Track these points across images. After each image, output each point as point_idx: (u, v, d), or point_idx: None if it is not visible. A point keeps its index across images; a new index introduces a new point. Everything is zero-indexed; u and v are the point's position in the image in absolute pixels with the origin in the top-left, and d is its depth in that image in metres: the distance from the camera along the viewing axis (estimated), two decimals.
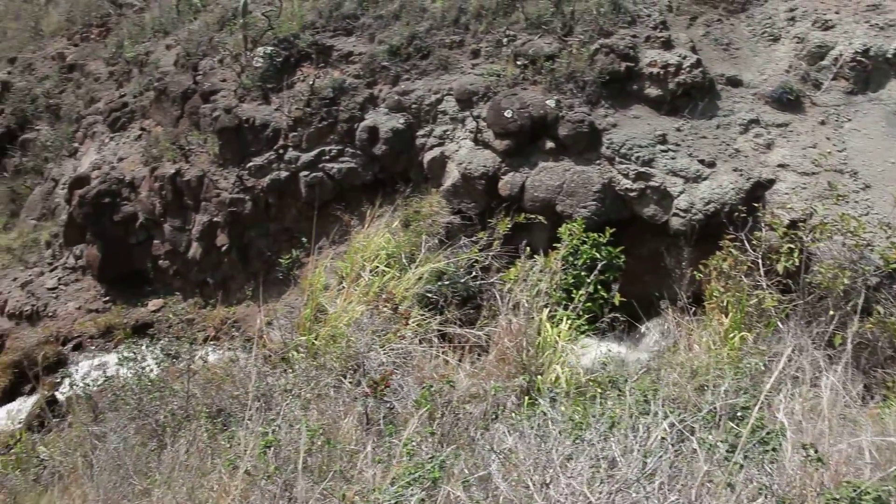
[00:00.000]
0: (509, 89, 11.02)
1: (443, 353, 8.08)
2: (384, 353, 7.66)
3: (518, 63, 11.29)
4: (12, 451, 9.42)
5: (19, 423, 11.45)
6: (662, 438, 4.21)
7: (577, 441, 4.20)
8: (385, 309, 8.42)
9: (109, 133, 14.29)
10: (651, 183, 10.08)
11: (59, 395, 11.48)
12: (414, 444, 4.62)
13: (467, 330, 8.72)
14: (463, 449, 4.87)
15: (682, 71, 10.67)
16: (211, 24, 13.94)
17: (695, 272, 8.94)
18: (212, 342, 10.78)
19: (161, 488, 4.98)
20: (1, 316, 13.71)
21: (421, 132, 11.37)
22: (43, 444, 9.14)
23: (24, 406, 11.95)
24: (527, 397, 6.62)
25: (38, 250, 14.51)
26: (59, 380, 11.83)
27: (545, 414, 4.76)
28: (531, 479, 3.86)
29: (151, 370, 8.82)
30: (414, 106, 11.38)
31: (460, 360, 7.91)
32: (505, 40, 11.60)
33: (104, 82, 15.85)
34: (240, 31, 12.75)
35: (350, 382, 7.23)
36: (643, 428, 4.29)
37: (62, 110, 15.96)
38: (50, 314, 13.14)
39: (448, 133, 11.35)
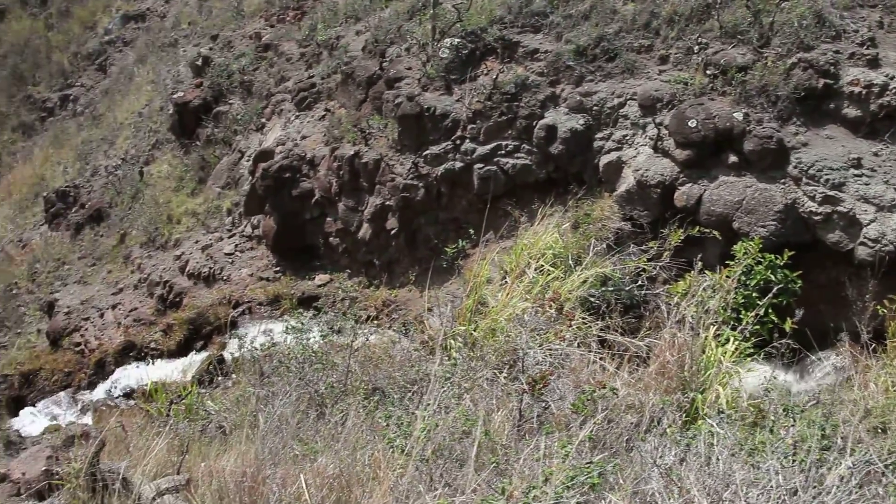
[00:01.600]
0: (695, 98, 11.02)
1: (601, 359, 8.23)
2: (542, 352, 7.88)
3: (708, 72, 11.26)
4: (183, 401, 10.36)
5: (189, 376, 12.60)
6: (842, 477, 4.14)
7: (753, 467, 4.22)
8: (550, 308, 8.67)
9: (296, 111, 15.35)
10: (839, 208, 9.83)
11: (226, 355, 12.52)
12: (572, 446, 4.67)
13: (628, 339, 8.83)
14: (619, 458, 4.98)
15: (888, 92, 10.30)
16: (401, 13, 14.66)
17: (878, 306, 8.66)
18: (372, 322, 11.46)
19: (320, 456, 5.23)
20: (181, 275, 15.07)
21: (599, 135, 11.57)
22: (211, 399, 9.97)
23: (194, 361, 13.12)
24: (685, 414, 6.67)
25: (220, 217, 15.82)
26: (228, 340, 12.91)
27: (712, 433, 4.80)
28: (703, 501, 3.89)
29: (315, 342, 9.50)
30: (595, 108, 11.59)
31: (618, 368, 8.04)
32: (696, 48, 11.59)
33: (295, 63, 16.99)
34: (429, 22, 13.36)
35: (505, 377, 7.48)
36: (824, 462, 4.24)
37: (254, 87, 17.25)
38: (224, 278, 14.32)
39: (627, 138, 11.49)
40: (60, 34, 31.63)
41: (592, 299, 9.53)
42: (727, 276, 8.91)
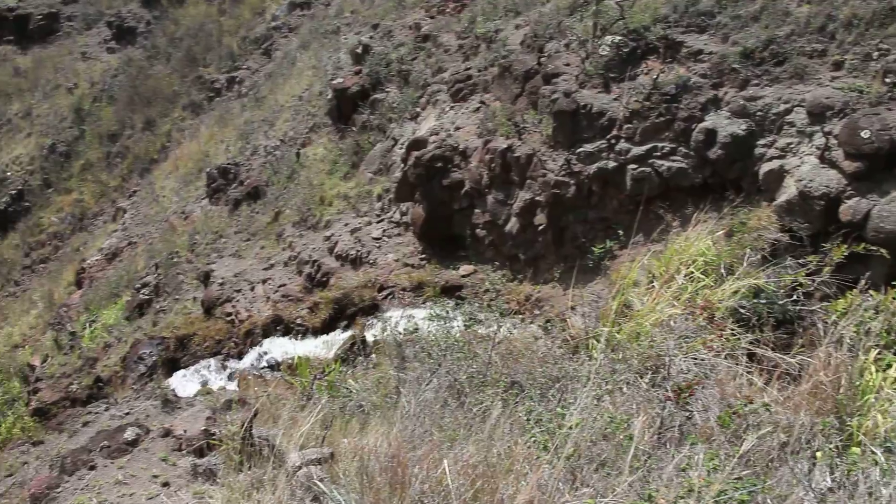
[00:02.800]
0: (871, 108, 10.48)
1: (748, 373, 8.01)
2: (687, 361, 7.75)
3: (887, 80, 10.69)
4: (326, 378, 10.78)
5: (332, 354, 13.08)
6: None
7: None
8: (699, 317, 8.51)
9: (451, 102, 15.63)
10: None
11: (369, 336, 12.91)
12: (722, 460, 4.55)
13: (779, 354, 8.55)
14: (765, 477, 4.85)
15: None
16: (562, 8, 14.65)
17: None
18: (514, 316, 11.54)
19: (460, 444, 5.29)
20: (330, 256, 15.66)
21: (762, 141, 11.21)
22: (352, 378, 10.33)
23: (337, 339, 13.60)
24: (838, 439, 6.41)
25: (370, 201, 16.32)
26: (371, 322, 13.32)
27: (876, 462, 4.62)
28: None
29: (457, 331, 9.68)
30: (759, 113, 11.24)
31: (766, 384, 7.81)
32: (875, 54, 11.03)
33: (452, 54, 17.29)
34: (590, 18, 13.30)
35: (647, 383, 7.40)
36: None
37: (411, 76, 17.66)
38: (371, 261, 14.77)
39: (791, 146, 11.07)
40: (232, 19, 33.40)
41: (743, 311, 9.27)
42: (893, 298, 8.49)
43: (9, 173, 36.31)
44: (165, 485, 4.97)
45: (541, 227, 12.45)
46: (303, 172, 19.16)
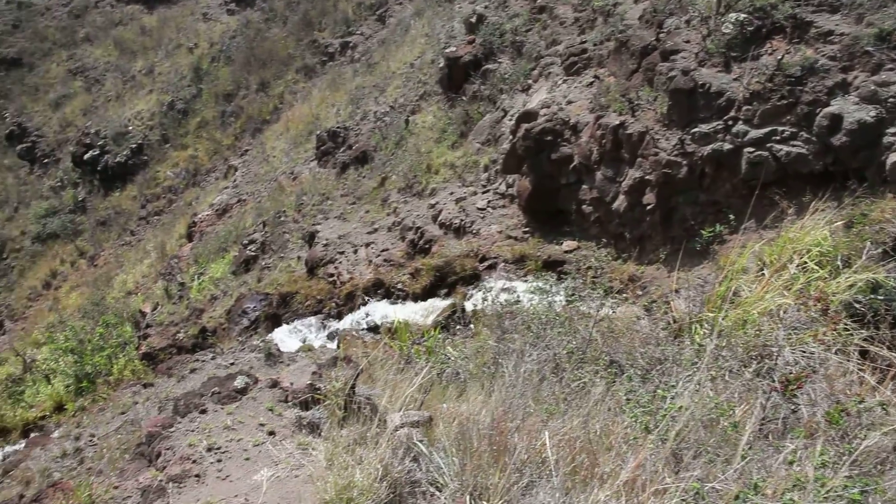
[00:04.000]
0: None
1: (860, 370, 7.74)
2: (795, 353, 7.54)
3: None
4: (425, 343, 10.93)
5: (431, 320, 13.26)
6: None
7: None
8: (812, 308, 8.24)
9: (563, 76, 15.47)
10: None
11: (468, 305, 13.02)
12: (828, 456, 4.42)
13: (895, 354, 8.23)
14: (875, 479, 4.70)
15: None
16: None
17: None
18: (616, 295, 11.42)
19: (558, 418, 5.30)
20: (433, 223, 15.79)
21: (891, 130, 10.69)
22: (451, 346, 10.45)
23: (436, 307, 13.76)
24: None
25: (476, 172, 16.36)
26: (471, 292, 13.42)
27: None
28: None
29: (559, 306, 9.66)
30: (891, 100, 10.71)
31: (879, 383, 7.54)
32: None
33: (568, 27, 17.08)
34: None
35: (750, 372, 7.24)
36: None
37: (525, 48, 17.54)
38: (474, 231, 14.83)
39: None
40: None
41: (858, 306, 8.93)
42: None
43: (130, 128, 37.92)
44: (271, 433, 5.17)
45: (649, 207, 12.24)
46: (411, 139, 19.34)
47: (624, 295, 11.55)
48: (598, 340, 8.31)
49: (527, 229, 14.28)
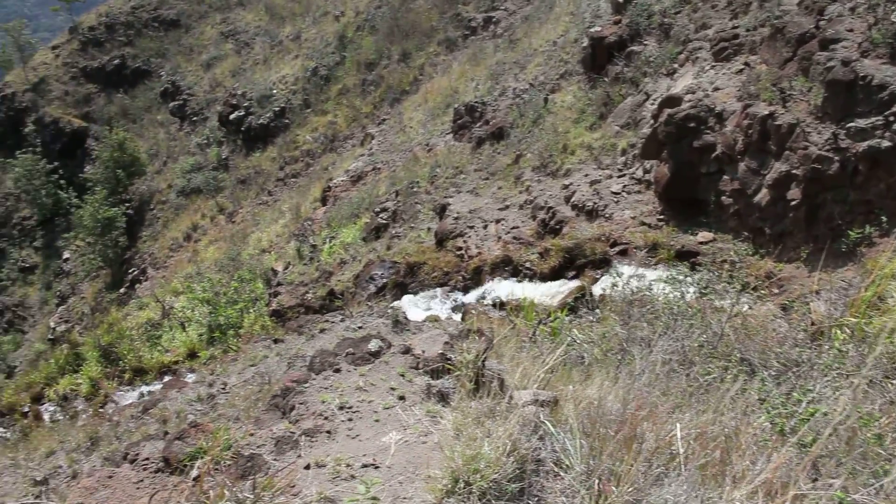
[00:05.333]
0: None
1: None
2: None
3: None
4: (550, 324, 10.91)
5: (556, 301, 13.22)
6: None
7: None
8: None
9: (712, 61, 15.00)
10: None
11: (596, 289, 12.90)
12: None
13: None
14: None
15: None
16: None
17: None
18: (751, 291, 11.06)
19: (686, 412, 5.28)
20: (566, 204, 15.70)
21: None
22: (577, 329, 10.39)
23: (563, 288, 13.70)
24: None
25: (614, 155, 16.13)
26: (600, 276, 13.29)
27: None
28: None
29: (691, 297, 9.45)
30: None
31: None
32: None
33: (720, 11, 16.52)
34: None
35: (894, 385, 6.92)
36: None
37: (672, 30, 17.09)
38: (606, 215, 14.66)
39: None
40: None
41: None
42: None
43: (274, 91, 39.25)
44: (401, 398, 5.30)
45: (793, 203, 11.77)
46: (548, 118, 19.24)
47: (760, 292, 11.17)
48: (731, 336, 8.11)
49: (661, 217, 14.00)
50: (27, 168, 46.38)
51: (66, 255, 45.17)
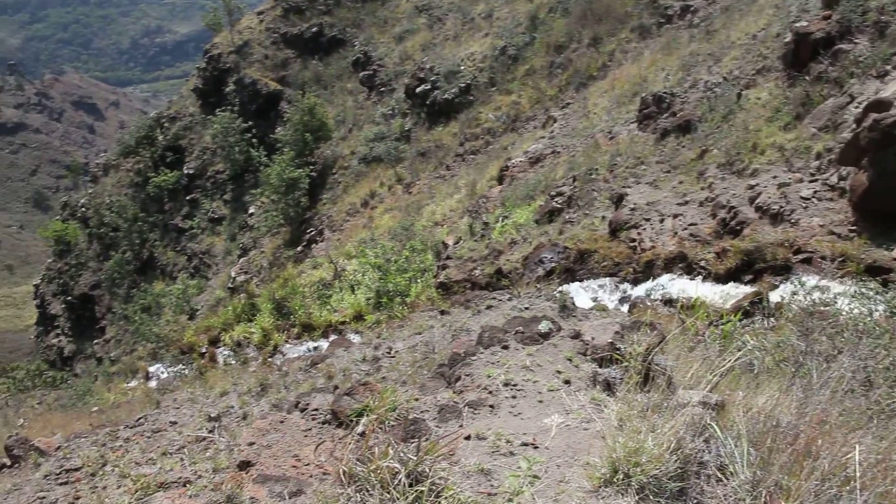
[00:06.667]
0: None
1: None
2: None
3: None
4: (721, 326, 10.60)
5: (729, 304, 12.82)
6: None
7: None
8: None
9: None
10: None
11: (773, 296, 12.41)
12: None
13: None
14: None
15: None
16: None
17: None
18: None
19: (864, 435, 4.92)
20: (749, 205, 15.14)
21: None
22: (749, 334, 10.06)
23: (737, 291, 13.28)
24: None
25: (807, 158, 15.38)
26: (778, 283, 12.78)
27: None
28: None
29: (879, 316, 8.94)
30: None
31: None
32: None
33: None
34: None
35: None
36: None
37: (889, 29, 16.04)
38: (792, 221, 14.03)
39: None
40: None
41: None
42: None
43: (462, 67, 39.83)
44: (566, 382, 5.38)
45: None
46: (740, 115, 18.54)
47: None
48: None
49: (853, 228, 13.23)
50: (224, 125, 49.50)
51: (251, 209, 47.97)
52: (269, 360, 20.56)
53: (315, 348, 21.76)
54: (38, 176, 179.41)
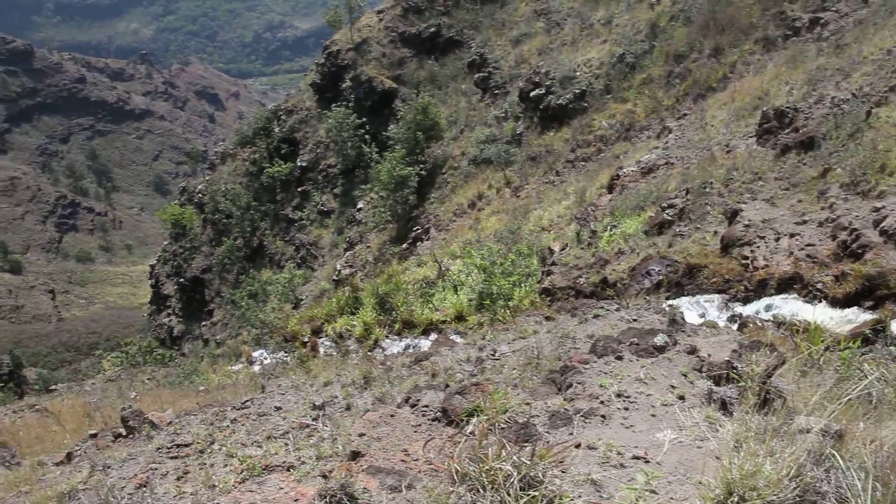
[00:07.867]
0: None
1: None
2: None
3: None
4: (839, 352, 10.18)
5: (845, 329, 12.32)
6: None
7: None
8: None
9: None
10: None
11: (894, 326, 11.87)
12: None
13: None
14: None
15: None
16: None
17: None
18: None
19: None
20: (873, 229, 14.52)
21: None
22: (868, 363, 9.66)
23: (856, 318, 12.75)
24: None
25: None
26: None
27: None
28: None
29: None
30: None
31: None
32: None
33: None
34: None
35: None
36: None
37: None
38: None
39: None
40: None
41: None
42: None
43: (577, 73, 39.57)
44: (681, 398, 5.31)
45: None
46: (868, 133, 17.80)
47: None
48: None
49: None
50: (339, 120, 50.62)
51: (360, 204, 48.89)
52: (370, 353, 20.91)
53: (415, 346, 22.02)
54: (160, 161, 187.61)
